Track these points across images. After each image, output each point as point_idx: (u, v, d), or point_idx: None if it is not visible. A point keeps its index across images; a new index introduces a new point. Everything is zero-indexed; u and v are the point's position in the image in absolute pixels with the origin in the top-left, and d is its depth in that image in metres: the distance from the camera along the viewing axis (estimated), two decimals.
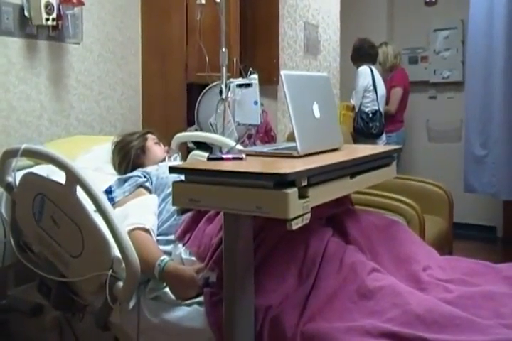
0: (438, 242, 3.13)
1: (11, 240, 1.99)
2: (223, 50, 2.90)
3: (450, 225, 3.51)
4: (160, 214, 2.00)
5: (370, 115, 4.54)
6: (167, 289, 1.74)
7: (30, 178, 1.92)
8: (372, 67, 4.68)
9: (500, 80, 3.79)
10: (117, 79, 3.23)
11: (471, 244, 4.62)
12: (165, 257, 1.76)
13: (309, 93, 1.74)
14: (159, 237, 1.93)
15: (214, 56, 2.93)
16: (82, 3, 2.78)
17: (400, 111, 5.05)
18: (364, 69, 4.61)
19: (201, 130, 3.09)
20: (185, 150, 3.00)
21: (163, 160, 2.41)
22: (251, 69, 3.00)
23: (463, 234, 4.59)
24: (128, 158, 2.40)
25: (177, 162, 2.45)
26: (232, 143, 2.63)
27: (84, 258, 1.76)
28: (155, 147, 2.45)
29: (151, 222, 1.92)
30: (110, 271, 1.71)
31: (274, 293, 1.57)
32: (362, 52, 4.73)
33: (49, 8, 2.59)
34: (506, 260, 2.12)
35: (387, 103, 4.88)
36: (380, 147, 2.83)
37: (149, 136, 2.48)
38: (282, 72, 1.64)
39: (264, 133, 3.39)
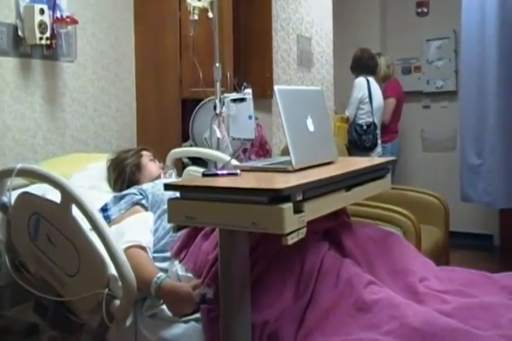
0: (435, 252, 3.13)
1: (6, 260, 1.98)
2: (217, 65, 2.91)
3: (446, 235, 3.50)
4: (156, 231, 2.00)
5: (365, 127, 4.53)
6: (164, 306, 1.74)
7: (26, 198, 1.92)
8: (370, 78, 4.66)
9: (494, 89, 3.80)
10: (112, 96, 3.24)
11: (468, 253, 4.61)
12: (161, 274, 1.76)
13: (303, 107, 1.75)
14: (155, 254, 1.93)
15: (208, 71, 2.95)
16: (76, 22, 2.80)
17: (394, 122, 5.07)
18: (360, 81, 4.61)
19: (196, 145, 3.10)
20: (180, 165, 3.01)
21: (159, 177, 2.42)
22: (245, 83, 3.01)
23: (460, 243, 4.57)
24: (123, 175, 2.41)
25: (172, 178, 2.45)
26: (227, 157, 2.63)
27: (81, 277, 1.75)
28: (150, 164, 2.45)
29: (147, 240, 1.92)
30: (107, 290, 1.71)
31: (271, 309, 1.57)
32: (361, 64, 4.72)
33: (43, 27, 2.61)
34: (503, 268, 2.12)
35: None
36: (374, 159, 2.84)
37: (144, 152, 2.49)
38: (275, 87, 1.65)
39: (259, 147, 3.39)
